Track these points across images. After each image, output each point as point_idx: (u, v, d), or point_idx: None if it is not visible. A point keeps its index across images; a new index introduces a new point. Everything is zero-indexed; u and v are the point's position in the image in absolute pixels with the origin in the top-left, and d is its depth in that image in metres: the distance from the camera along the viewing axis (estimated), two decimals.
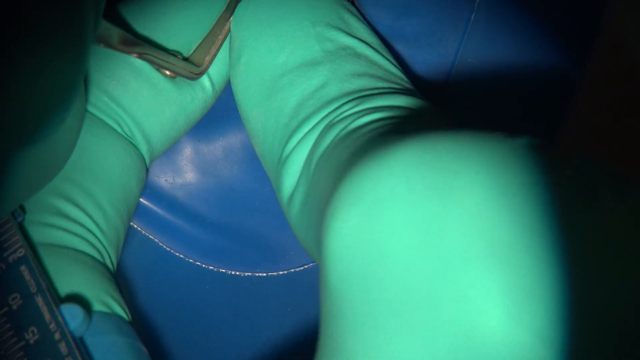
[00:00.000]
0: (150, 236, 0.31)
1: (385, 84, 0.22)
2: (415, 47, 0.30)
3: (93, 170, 0.22)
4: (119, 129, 0.24)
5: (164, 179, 0.31)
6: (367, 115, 0.19)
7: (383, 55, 0.23)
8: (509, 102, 0.30)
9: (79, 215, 0.21)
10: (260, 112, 0.23)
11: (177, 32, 0.25)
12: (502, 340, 0.12)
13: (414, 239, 0.13)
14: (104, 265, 0.21)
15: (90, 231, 0.21)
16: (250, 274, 0.32)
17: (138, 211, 0.31)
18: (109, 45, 0.21)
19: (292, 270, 0.32)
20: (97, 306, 0.18)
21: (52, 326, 0.16)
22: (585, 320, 0.12)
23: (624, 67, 0.28)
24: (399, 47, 0.30)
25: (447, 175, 0.14)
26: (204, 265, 0.32)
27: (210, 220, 0.32)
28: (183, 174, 0.31)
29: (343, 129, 0.19)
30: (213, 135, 0.31)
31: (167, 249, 0.31)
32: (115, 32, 0.21)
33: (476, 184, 0.13)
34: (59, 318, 0.16)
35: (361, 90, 0.21)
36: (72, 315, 0.16)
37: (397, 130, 0.18)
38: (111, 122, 0.24)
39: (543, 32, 0.30)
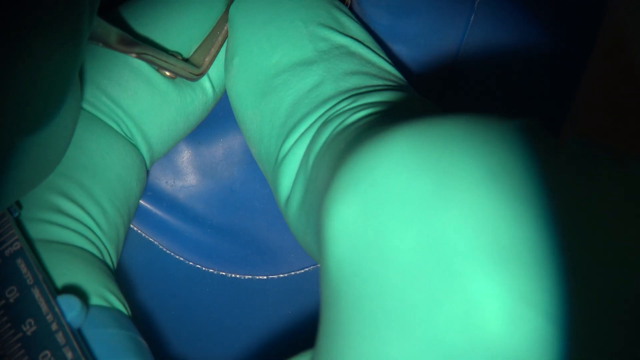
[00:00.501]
0: (150, 238, 0.31)
1: (380, 82, 0.22)
2: (414, 47, 0.29)
3: (92, 168, 0.22)
4: (118, 129, 0.24)
5: (164, 181, 0.31)
6: (362, 110, 0.19)
7: (376, 53, 0.23)
8: (508, 103, 0.30)
9: (77, 212, 0.21)
10: (255, 113, 0.23)
11: (177, 32, 0.25)
12: (504, 334, 0.12)
13: (412, 227, 0.13)
14: (104, 262, 0.21)
15: (89, 228, 0.21)
16: (250, 277, 0.32)
17: (138, 213, 0.31)
18: (107, 44, 0.21)
19: (293, 273, 0.32)
20: (95, 300, 0.18)
21: (49, 317, 0.16)
22: (589, 305, 0.12)
23: (623, 67, 0.28)
24: (398, 48, 0.29)
25: (443, 159, 0.14)
26: (204, 268, 0.31)
27: (210, 222, 0.32)
28: (183, 176, 0.31)
29: (339, 125, 0.19)
30: (213, 137, 0.31)
31: (167, 251, 0.31)
32: (113, 32, 0.21)
33: (473, 172, 0.13)
34: (56, 309, 0.16)
35: (356, 89, 0.21)
36: (69, 306, 0.16)
37: (391, 119, 0.18)
38: (110, 122, 0.24)
39: (543, 33, 0.30)
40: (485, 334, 0.12)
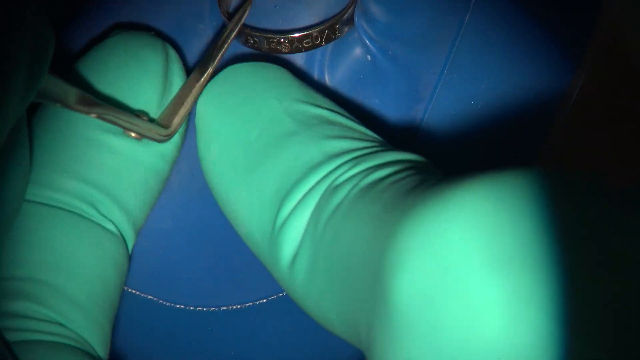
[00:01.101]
0: (136, 292, 0.29)
1: (367, 144, 0.22)
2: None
3: (60, 266, 0.22)
4: (91, 211, 0.23)
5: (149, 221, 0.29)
6: (375, 172, 0.20)
7: (354, 121, 0.24)
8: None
9: (44, 312, 0.21)
10: (241, 191, 0.23)
11: (140, 90, 0.24)
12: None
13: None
14: (82, 350, 0.21)
15: (60, 324, 0.21)
16: (251, 303, 0.31)
17: None
18: (66, 105, 0.20)
19: None
20: None
21: None
22: (582, 319, 0.13)
23: (620, 69, 0.28)
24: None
25: (511, 214, 0.14)
26: (200, 309, 0.30)
27: (200, 257, 0.30)
28: (170, 207, 0.29)
29: (354, 187, 0.19)
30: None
31: (150, 297, 0.30)
32: (72, 92, 0.20)
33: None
34: None
35: (345, 153, 0.21)
36: None
37: (428, 179, 0.18)
38: (82, 204, 0.23)
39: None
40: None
